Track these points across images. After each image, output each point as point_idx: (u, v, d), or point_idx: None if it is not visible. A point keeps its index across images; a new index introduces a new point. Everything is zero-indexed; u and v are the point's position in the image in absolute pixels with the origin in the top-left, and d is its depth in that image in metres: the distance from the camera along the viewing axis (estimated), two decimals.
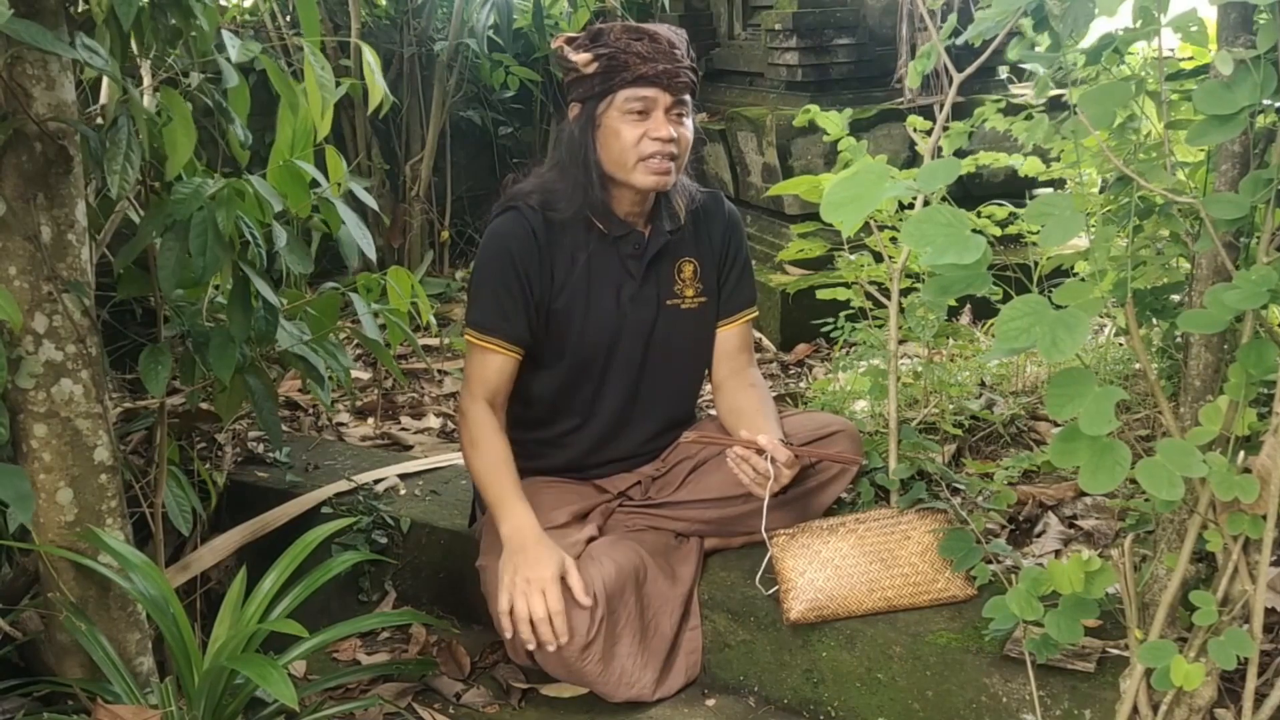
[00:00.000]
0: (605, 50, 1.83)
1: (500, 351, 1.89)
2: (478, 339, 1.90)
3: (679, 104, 1.85)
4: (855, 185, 1.15)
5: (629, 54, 1.82)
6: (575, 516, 1.93)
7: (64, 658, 1.70)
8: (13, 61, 1.50)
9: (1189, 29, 1.40)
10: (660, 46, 1.83)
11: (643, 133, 1.83)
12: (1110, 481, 1.16)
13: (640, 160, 1.84)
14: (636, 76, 1.81)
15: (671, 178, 1.87)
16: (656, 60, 1.82)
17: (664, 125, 1.83)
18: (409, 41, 4.06)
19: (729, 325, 2.06)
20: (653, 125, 1.83)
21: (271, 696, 1.69)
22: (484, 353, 1.90)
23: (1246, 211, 1.21)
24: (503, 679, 1.93)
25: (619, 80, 1.82)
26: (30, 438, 1.59)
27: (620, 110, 1.83)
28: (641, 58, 1.81)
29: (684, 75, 1.85)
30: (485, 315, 1.89)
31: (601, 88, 1.84)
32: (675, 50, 1.84)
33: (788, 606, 1.78)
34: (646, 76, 1.81)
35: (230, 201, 1.59)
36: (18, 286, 1.54)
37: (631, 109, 1.83)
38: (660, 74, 1.82)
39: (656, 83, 1.82)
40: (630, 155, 1.84)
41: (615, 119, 1.84)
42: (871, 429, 2.29)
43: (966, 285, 1.17)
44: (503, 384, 1.92)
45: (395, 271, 2.10)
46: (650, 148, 1.83)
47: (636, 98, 1.82)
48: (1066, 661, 1.58)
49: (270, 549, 1.98)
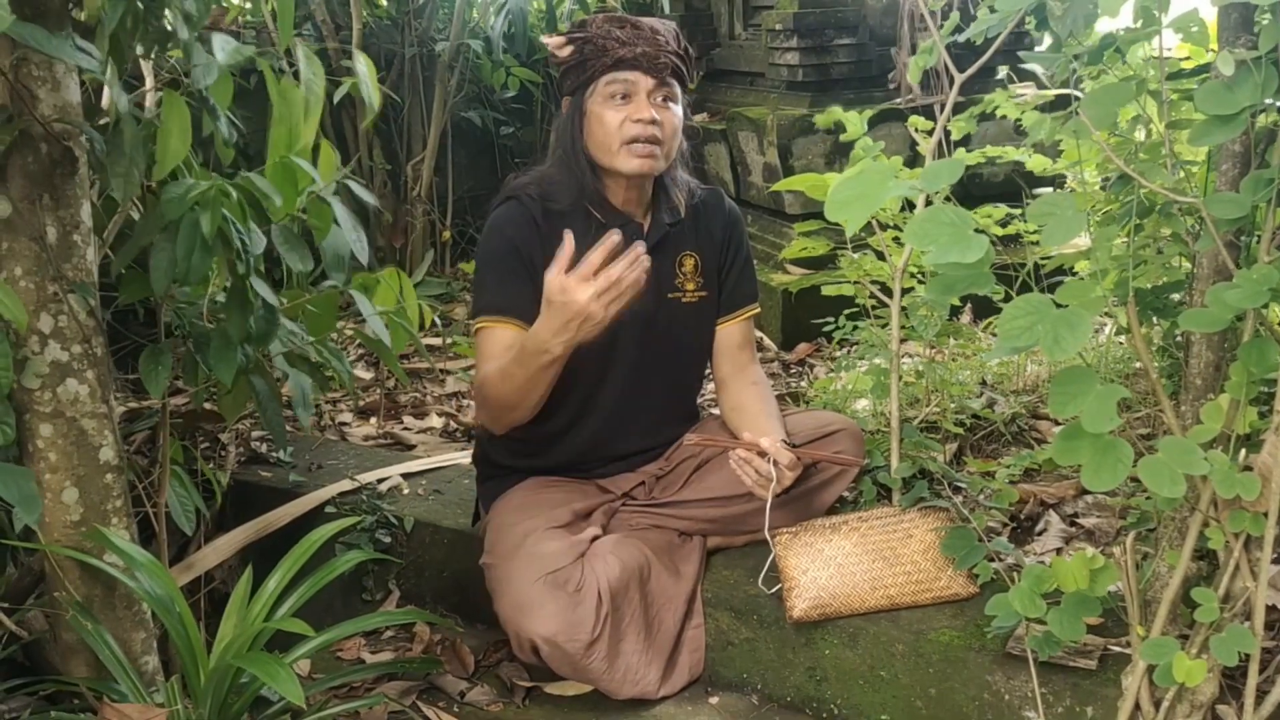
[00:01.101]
0: (583, 36, 1.85)
1: (514, 327, 1.87)
2: (489, 321, 1.88)
3: (662, 87, 1.85)
4: (860, 184, 1.15)
5: (608, 39, 1.83)
6: (578, 515, 1.93)
7: (69, 657, 1.70)
8: (18, 63, 1.50)
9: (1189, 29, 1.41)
10: (641, 32, 1.84)
11: (624, 116, 1.83)
12: (1113, 479, 1.16)
13: (623, 144, 1.84)
14: (616, 60, 1.82)
15: (657, 163, 1.87)
16: (635, 44, 1.82)
17: (645, 108, 1.83)
18: (410, 42, 4.07)
19: (730, 321, 2.06)
20: (634, 109, 1.83)
21: (276, 695, 1.70)
22: (496, 330, 1.87)
23: (1248, 211, 1.22)
24: (507, 677, 1.94)
25: (600, 65, 1.84)
26: (36, 437, 1.60)
27: (602, 95, 1.85)
28: (620, 42, 1.82)
29: (665, 58, 1.84)
30: (493, 298, 1.89)
31: (585, 76, 1.85)
32: (658, 36, 1.85)
33: (791, 604, 1.79)
34: (625, 60, 1.82)
35: (215, 203, 1.59)
36: (24, 287, 1.55)
37: (613, 93, 1.84)
38: (639, 56, 1.82)
39: (636, 65, 1.82)
40: (614, 139, 1.84)
41: (599, 104, 1.85)
42: (873, 428, 2.30)
43: (969, 284, 1.18)
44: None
45: (389, 272, 2.09)
46: (632, 130, 1.83)
47: (616, 81, 1.83)
48: (1069, 659, 1.59)
49: (273, 548, 1.99)
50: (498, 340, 1.88)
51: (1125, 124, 1.64)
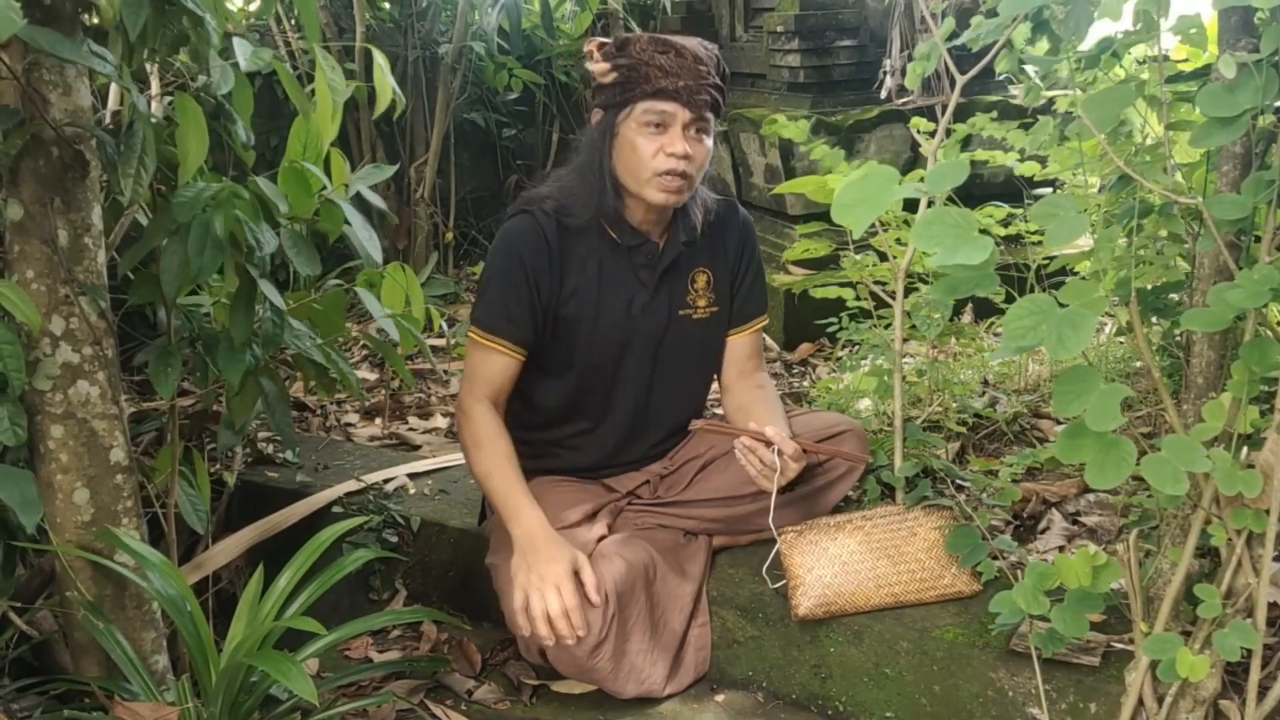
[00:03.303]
0: (626, 61, 1.81)
1: (504, 352, 1.89)
2: (481, 338, 1.89)
3: (699, 121, 1.81)
4: (865, 187, 1.16)
5: (651, 66, 1.79)
6: (585, 516, 1.94)
7: (80, 656, 1.72)
8: (30, 68, 1.51)
9: (1189, 32, 1.42)
10: (685, 61, 1.79)
11: (658, 147, 1.80)
12: (1116, 477, 1.18)
13: (654, 175, 1.81)
14: (656, 90, 1.78)
15: (683, 196, 1.85)
16: (679, 75, 1.78)
17: (679, 141, 1.79)
18: (413, 44, 4.08)
19: (740, 334, 2.06)
20: (668, 140, 1.79)
21: (286, 694, 1.71)
22: (487, 352, 1.90)
23: (1249, 212, 1.23)
24: (514, 676, 1.95)
25: (638, 92, 1.79)
26: (48, 439, 1.61)
27: (638, 122, 1.81)
28: (664, 71, 1.78)
29: (706, 93, 1.80)
30: (491, 315, 1.89)
31: (621, 97, 1.82)
32: (700, 66, 1.80)
33: (796, 602, 1.80)
34: (666, 91, 1.78)
35: (227, 204, 1.60)
36: (35, 289, 1.56)
37: (649, 121, 1.80)
38: (681, 90, 1.78)
39: (676, 98, 1.78)
40: (644, 169, 1.81)
41: (632, 130, 1.82)
42: (876, 427, 2.31)
43: (974, 285, 1.19)
44: (505, 384, 1.92)
45: (394, 268, 2.07)
46: (664, 164, 1.80)
47: (654, 111, 1.79)
48: (1072, 656, 1.60)
49: (280, 549, 2.00)
50: (488, 364, 1.90)
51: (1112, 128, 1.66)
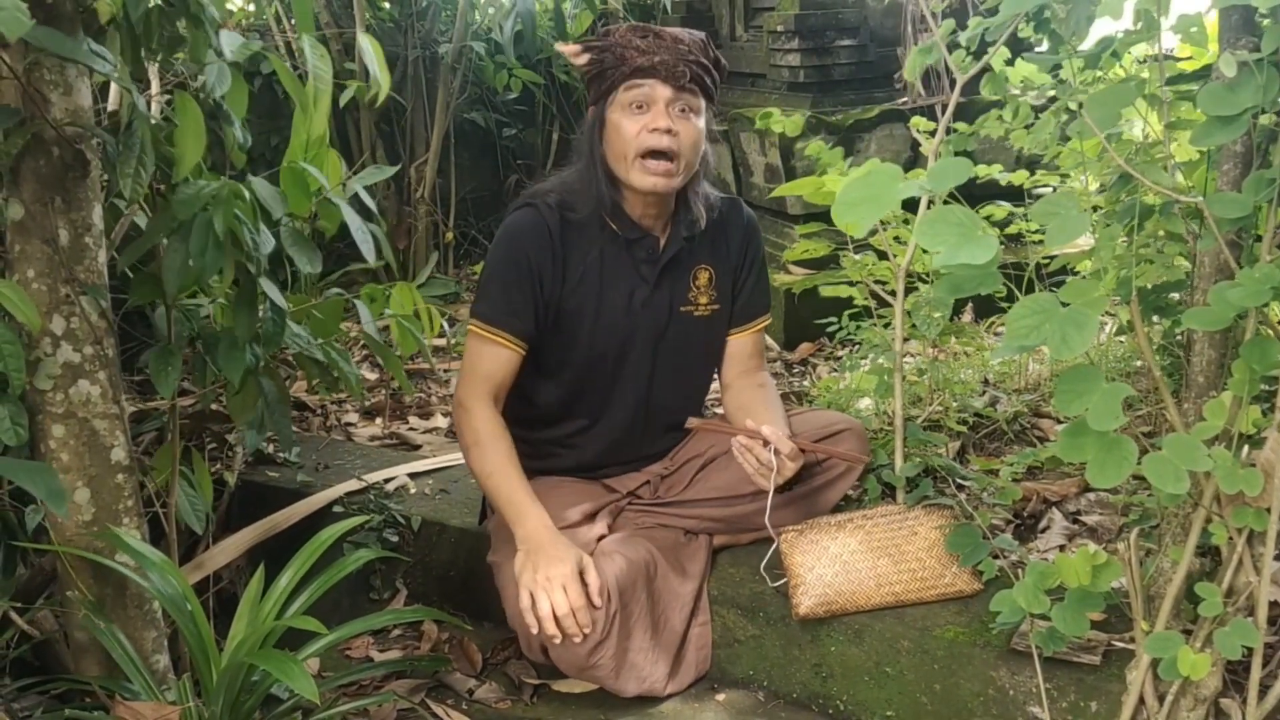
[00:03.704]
0: (603, 45, 1.83)
1: (505, 345, 1.88)
2: (483, 330, 1.88)
3: (681, 95, 1.81)
4: (868, 187, 1.16)
5: (628, 48, 1.80)
6: (586, 516, 1.94)
7: (81, 656, 1.72)
8: (31, 67, 1.51)
9: (1189, 31, 1.42)
10: (663, 41, 1.80)
11: (641, 126, 1.80)
12: (1117, 475, 1.18)
13: (638, 156, 1.80)
14: (634, 68, 1.79)
15: (672, 180, 1.83)
16: (655, 52, 1.79)
17: (662, 117, 1.79)
18: (413, 44, 4.08)
19: (742, 333, 2.05)
20: (650, 118, 1.80)
21: (287, 693, 1.72)
22: (488, 344, 1.88)
23: (1250, 211, 1.23)
24: (515, 675, 1.95)
25: (619, 74, 1.81)
26: (48, 438, 1.61)
27: (621, 104, 1.82)
28: (639, 50, 1.79)
29: (685, 67, 1.80)
30: (492, 307, 1.88)
31: (606, 85, 1.83)
32: (680, 45, 1.81)
33: (796, 602, 1.80)
34: (643, 68, 1.79)
35: (228, 203, 1.60)
36: (36, 289, 1.56)
37: (631, 101, 1.80)
38: (658, 65, 1.78)
39: (654, 73, 1.79)
40: (629, 149, 1.80)
41: (617, 113, 1.82)
42: (877, 426, 2.31)
43: (978, 284, 1.19)
44: (505, 379, 1.90)
45: (400, 288, 2.11)
46: (647, 140, 1.79)
47: (634, 88, 1.80)
48: (1073, 654, 1.60)
49: (280, 549, 2.00)
50: (489, 357, 1.89)
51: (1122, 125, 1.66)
